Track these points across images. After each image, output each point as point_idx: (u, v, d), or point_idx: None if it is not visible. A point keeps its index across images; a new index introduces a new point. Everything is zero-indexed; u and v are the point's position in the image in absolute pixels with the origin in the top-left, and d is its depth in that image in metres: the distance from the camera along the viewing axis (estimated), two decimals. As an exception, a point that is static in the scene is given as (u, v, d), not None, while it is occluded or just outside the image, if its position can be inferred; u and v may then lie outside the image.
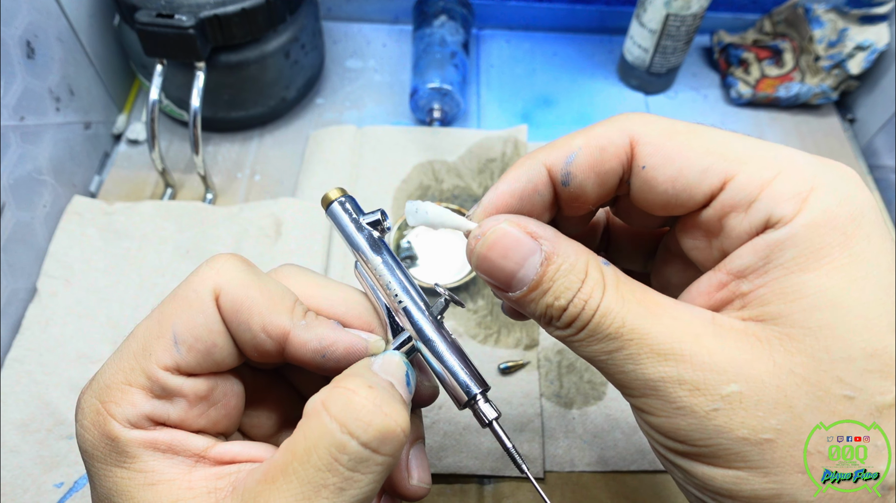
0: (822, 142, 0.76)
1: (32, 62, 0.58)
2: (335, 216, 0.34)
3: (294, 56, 0.69)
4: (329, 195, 0.34)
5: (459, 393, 0.31)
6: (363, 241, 0.33)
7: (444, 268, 0.62)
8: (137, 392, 0.28)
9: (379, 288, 0.32)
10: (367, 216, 0.33)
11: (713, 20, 0.84)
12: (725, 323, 0.26)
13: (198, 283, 0.29)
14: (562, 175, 0.29)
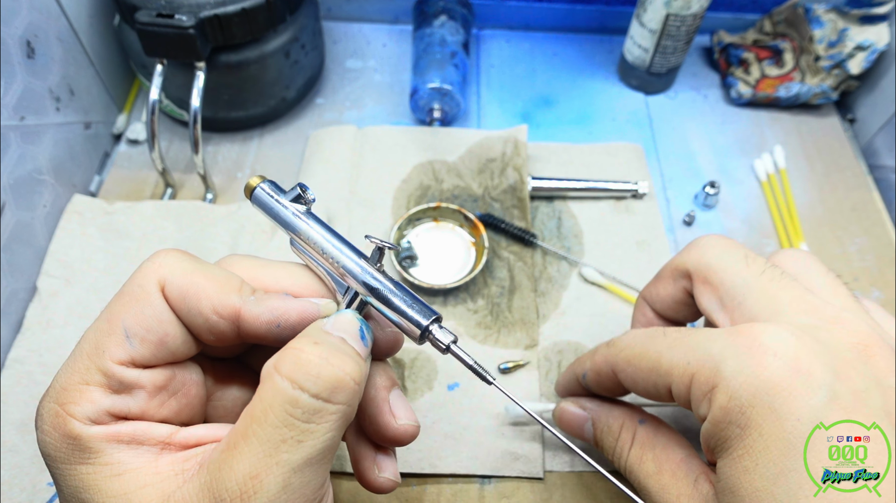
0: (822, 142, 0.76)
1: (32, 62, 0.58)
2: (260, 200, 0.35)
3: (294, 56, 0.69)
4: (250, 183, 0.35)
5: (413, 330, 0.33)
6: (291, 216, 0.34)
7: (445, 269, 0.63)
8: (95, 389, 0.29)
9: (318, 257, 0.34)
10: (289, 193, 0.35)
11: (713, 20, 0.84)
12: (703, 489, 0.34)
13: (141, 278, 0.30)
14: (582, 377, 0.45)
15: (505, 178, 0.68)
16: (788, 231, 0.68)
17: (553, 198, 0.69)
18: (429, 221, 0.66)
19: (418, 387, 0.56)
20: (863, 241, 0.68)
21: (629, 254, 0.65)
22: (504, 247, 0.65)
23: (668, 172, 0.73)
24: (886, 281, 0.65)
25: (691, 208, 0.70)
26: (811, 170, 0.74)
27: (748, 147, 0.76)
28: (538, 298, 0.62)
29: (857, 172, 0.74)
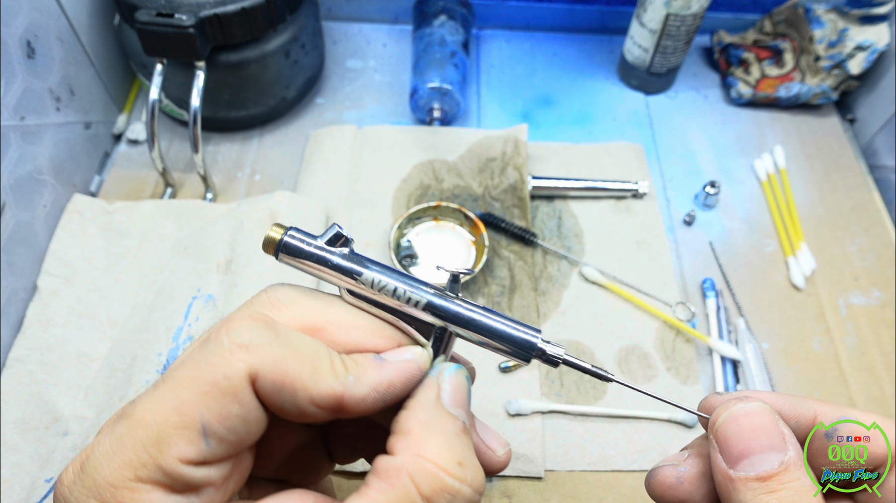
0: (823, 142, 0.76)
1: (33, 62, 0.58)
2: (295, 251, 0.30)
3: (294, 56, 0.69)
4: (271, 236, 0.30)
5: (522, 352, 0.31)
6: (343, 262, 0.30)
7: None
8: (152, 490, 0.24)
9: (386, 300, 0.30)
10: (325, 236, 0.31)
11: (713, 20, 0.84)
12: None
13: (228, 368, 0.25)
14: (831, 429, 0.29)
15: (505, 177, 0.68)
16: (789, 231, 0.68)
17: (553, 197, 0.69)
18: (429, 220, 0.66)
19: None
20: (863, 241, 0.68)
21: (629, 254, 0.65)
22: (504, 246, 0.65)
23: (669, 172, 0.73)
24: (886, 281, 0.65)
25: (691, 208, 0.70)
26: (811, 170, 0.74)
27: (748, 147, 0.76)
28: (538, 297, 0.62)
29: (857, 172, 0.74)
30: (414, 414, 0.28)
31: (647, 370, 0.58)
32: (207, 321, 0.55)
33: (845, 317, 0.63)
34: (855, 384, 0.59)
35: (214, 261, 0.59)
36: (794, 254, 0.66)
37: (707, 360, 0.60)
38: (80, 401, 0.53)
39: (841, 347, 0.61)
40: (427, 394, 0.29)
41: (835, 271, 0.66)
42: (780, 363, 0.60)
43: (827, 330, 0.62)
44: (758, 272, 0.66)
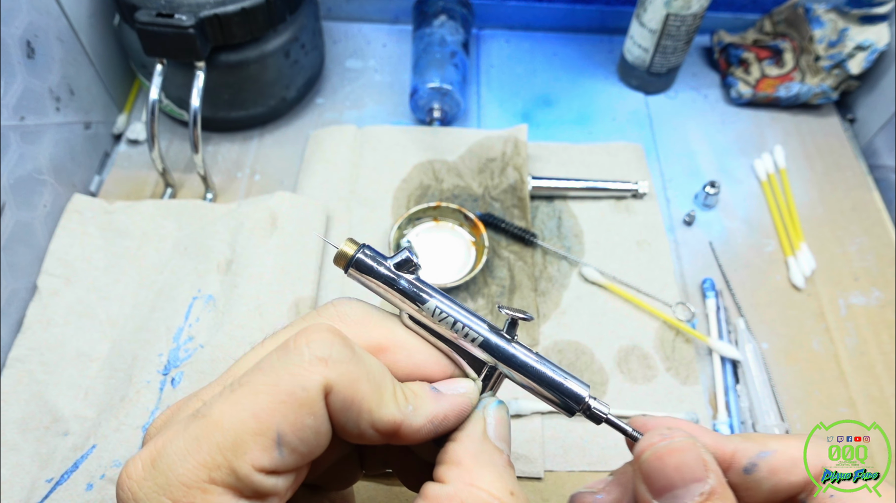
0: (823, 142, 0.76)
1: (33, 62, 0.58)
2: (366, 269, 0.30)
3: (294, 56, 0.69)
4: (344, 251, 0.30)
5: (568, 404, 0.31)
6: (411, 288, 0.30)
7: (444, 268, 0.62)
8: (223, 493, 0.24)
9: (444, 330, 0.30)
10: (395, 259, 0.31)
11: (713, 20, 0.84)
12: None
13: (307, 380, 0.25)
14: (748, 463, 0.30)
15: (505, 177, 0.68)
16: (788, 231, 0.68)
17: (553, 197, 0.69)
18: (429, 221, 0.66)
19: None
20: (863, 241, 0.68)
21: (629, 254, 0.65)
22: (504, 246, 0.65)
23: (669, 172, 0.73)
24: (886, 280, 0.65)
25: (691, 208, 0.70)
26: (811, 169, 0.74)
27: (748, 147, 0.76)
28: (538, 298, 0.62)
29: (857, 172, 0.74)
30: (464, 446, 0.29)
31: (647, 370, 0.58)
32: (208, 321, 0.55)
33: (845, 317, 0.63)
34: (854, 384, 0.59)
35: (215, 261, 0.59)
36: (794, 254, 0.66)
37: (707, 360, 0.60)
38: (81, 401, 0.53)
39: (841, 347, 0.61)
40: (475, 427, 0.30)
41: (835, 271, 0.66)
42: (779, 363, 0.60)
43: (827, 330, 0.62)
44: (758, 272, 0.66)
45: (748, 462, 0.30)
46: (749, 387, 0.58)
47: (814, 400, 0.58)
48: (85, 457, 0.49)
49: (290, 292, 0.57)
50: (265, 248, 0.59)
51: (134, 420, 0.50)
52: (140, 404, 0.51)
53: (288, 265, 0.58)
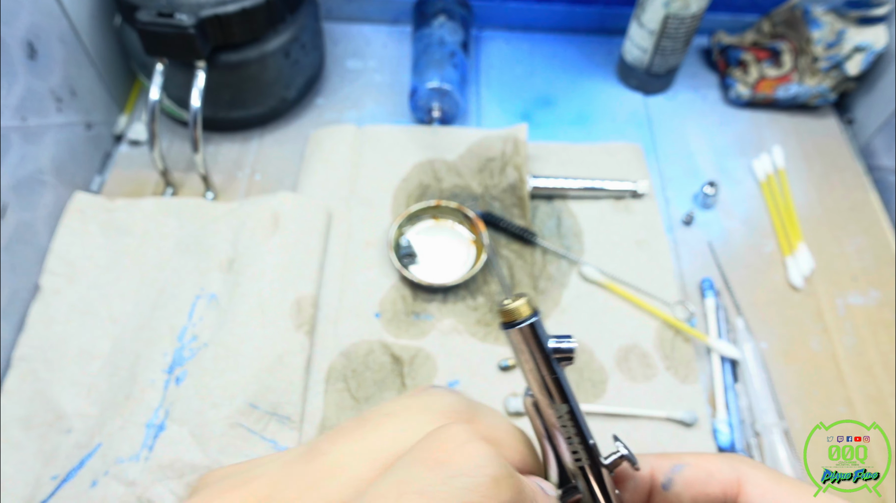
0: (821, 143, 0.77)
1: (34, 63, 0.58)
2: (532, 337, 0.28)
3: (294, 56, 0.70)
4: (520, 310, 0.27)
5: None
6: (560, 378, 0.29)
7: (444, 267, 0.63)
8: None
9: (555, 434, 0.29)
10: (560, 341, 0.28)
11: (712, 21, 0.84)
12: None
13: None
14: (665, 478, 0.30)
15: (505, 176, 0.68)
16: (787, 231, 0.68)
17: (553, 197, 0.69)
18: (428, 219, 0.66)
19: (418, 385, 0.56)
20: (861, 241, 0.68)
21: (629, 254, 0.65)
22: (504, 245, 0.65)
23: (668, 172, 0.74)
24: (884, 281, 0.65)
25: (690, 208, 0.70)
26: (810, 170, 0.74)
27: (747, 147, 0.76)
28: (538, 296, 0.62)
29: (856, 173, 0.74)
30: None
31: (647, 369, 0.58)
32: (211, 320, 0.56)
33: (843, 316, 0.63)
34: (853, 383, 0.59)
35: (217, 259, 0.59)
36: (793, 254, 0.67)
37: (706, 360, 0.60)
38: (84, 398, 0.53)
39: (839, 347, 0.61)
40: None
41: (833, 271, 0.66)
42: (778, 362, 0.60)
43: (825, 329, 0.62)
44: (756, 272, 0.66)
45: (664, 478, 0.30)
46: (748, 386, 0.58)
47: (812, 399, 0.58)
48: (90, 455, 0.49)
49: (292, 290, 0.57)
50: (267, 247, 0.59)
51: (138, 418, 0.50)
52: (145, 403, 0.51)
53: (290, 264, 0.59)
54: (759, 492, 0.27)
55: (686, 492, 0.29)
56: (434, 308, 0.61)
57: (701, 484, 0.29)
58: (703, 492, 0.29)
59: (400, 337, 0.59)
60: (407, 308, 0.61)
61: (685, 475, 0.29)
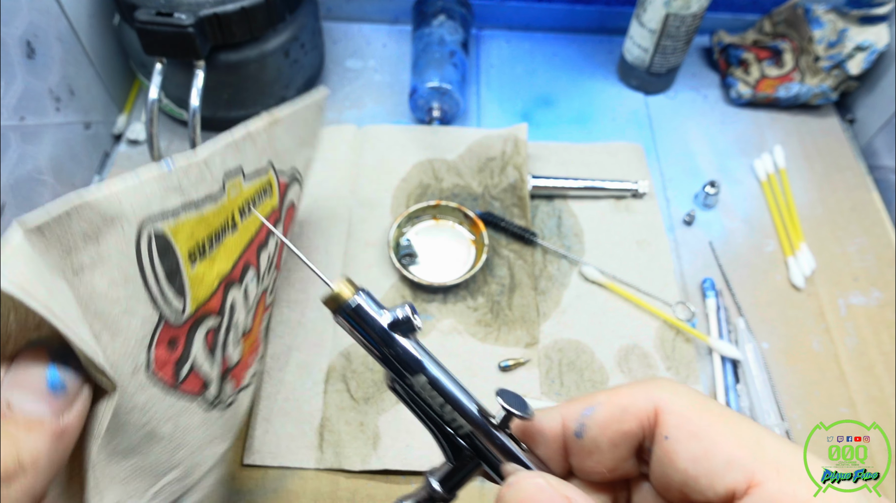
0: (822, 142, 0.76)
1: (32, 62, 0.58)
2: (361, 319, 0.27)
3: (294, 55, 0.69)
4: (342, 292, 0.27)
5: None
6: (406, 354, 0.27)
7: (445, 267, 0.63)
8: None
9: (429, 406, 0.28)
10: (393, 313, 0.27)
11: (713, 20, 0.84)
12: None
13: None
14: (576, 426, 0.28)
15: (505, 176, 0.68)
16: (788, 231, 0.68)
17: (553, 197, 0.69)
18: (428, 219, 0.66)
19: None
20: (862, 241, 0.68)
21: (629, 253, 0.65)
22: (504, 245, 0.65)
23: (668, 172, 0.73)
24: (886, 281, 0.65)
25: (691, 208, 0.70)
26: (811, 170, 0.74)
27: (748, 147, 0.76)
28: (539, 297, 0.62)
29: (857, 172, 0.74)
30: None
31: (647, 369, 0.58)
32: None
33: (845, 317, 0.63)
34: (854, 384, 0.59)
35: None
36: (794, 254, 0.66)
37: (707, 360, 0.60)
38: None
39: (840, 347, 0.61)
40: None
41: (834, 271, 0.66)
42: (779, 363, 0.60)
43: (827, 330, 0.62)
44: (757, 272, 0.66)
45: (576, 425, 0.28)
46: (749, 386, 0.58)
47: (814, 400, 0.58)
48: None
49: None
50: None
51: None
52: None
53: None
54: (675, 422, 0.26)
55: (602, 435, 0.27)
56: (434, 308, 0.61)
57: (616, 422, 0.27)
58: (619, 432, 0.27)
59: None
60: (406, 308, 0.61)
61: (597, 417, 0.27)
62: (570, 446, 0.28)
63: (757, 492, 0.23)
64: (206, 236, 0.35)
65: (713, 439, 0.24)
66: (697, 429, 0.25)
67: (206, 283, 0.36)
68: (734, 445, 0.24)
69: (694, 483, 0.25)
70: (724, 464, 0.24)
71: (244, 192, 0.40)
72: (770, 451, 0.24)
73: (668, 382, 0.27)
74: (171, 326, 0.32)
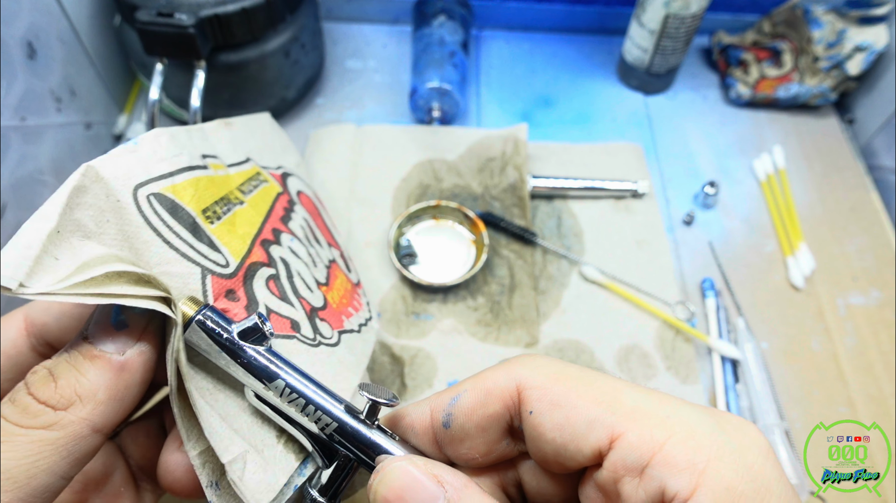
0: (822, 143, 0.77)
1: (34, 62, 0.58)
2: (208, 333, 0.27)
3: (294, 56, 0.69)
4: (184, 310, 0.27)
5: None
6: (258, 362, 0.27)
7: (445, 267, 0.63)
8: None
9: (293, 412, 0.28)
10: (241, 326, 0.27)
11: (712, 21, 0.84)
12: None
13: None
14: (443, 416, 0.28)
15: (505, 176, 0.68)
16: (788, 231, 0.68)
17: (553, 197, 0.69)
18: (428, 219, 0.66)
19: (418, 385, 0.56)
20: (862, 241, 0.68)
21: (629, 254, 0.65)
22: (504, 245, 0.65)
23: (668, 172, 0.73)
24: (885, 281, 0.65)
25: (691, 208, 0.70)
26: (810, 170, 0.74)
27: (747, 147, 0.76)
28: (538, 296, 0.62)
29: (856, 173, 0.74)
30: None
31: (647, 369, 0.58)
32: None
33: (844, 316, 0.63)
34: (854, 384, 0.59)
35: None
36: (794, 254, 0.66)
37: (706, 360, 0.60)
38: None
39: (840, 347, 0.61)
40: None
41: (834, 271, 0.66)
42: (779, 362, 0.60)
43: (826, 330, 0.62)
44: (757, 272, 0.66)
45: (443, 416, 0.28)
46: (749, 386, 0.58)
47: (813, 399, 0.58)
48: None
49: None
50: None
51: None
52: None
53: None
54: (537, 396, 0.26)
55: (469, 421, 0.27)
56: (434, 308, 0.61)
57: (481, 406, 0.27)
58: (485, 416, 0.27)
59: (400, 337, 0.59)
60: (407, 308, 0.61)
61: (462, 405, 0.27)
62: (440, 437, 0.28)
63: (619, 443, 0.24)
64: (213, 201, 0.34)
65: (573, 404, 0.25)
66: (557, 397, 0.25)
67: (238, 239, 0.35)
68: (592, 404, 0.25)
69: (564, 450, 0.25)
70: (586, 425, 0.24)
71: (232, 176, 0.39)
72: (627, 402, 0.24)
73: (529, 358, 0.27)
74: (222, 278, 0.32)
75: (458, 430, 0.27)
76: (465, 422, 0.27)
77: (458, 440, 0.28)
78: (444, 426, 0.28)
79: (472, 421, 0.27)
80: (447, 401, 0.28)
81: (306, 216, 0.34)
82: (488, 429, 0.27)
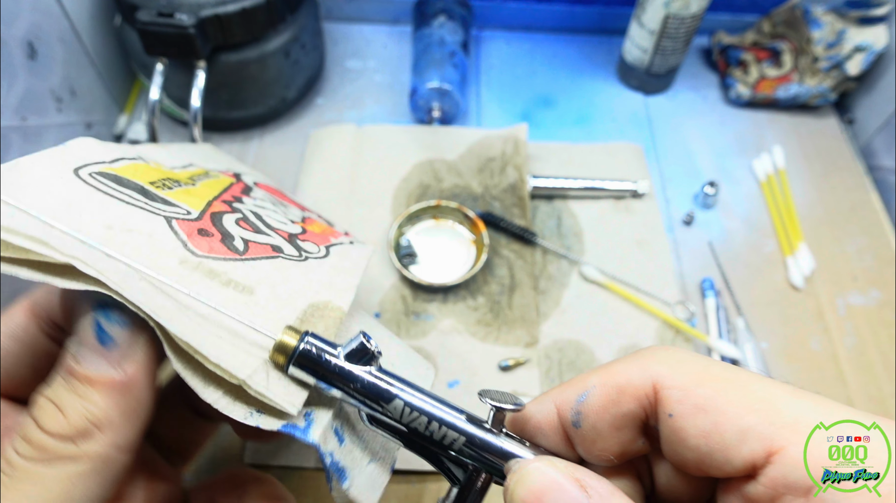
0: (821, 143, 0.77)
1: (34, 63, 0.58)
2: (313, 363, 0.25)
3: (294, 56, 0.70)
4: (285, 341, 0.25)
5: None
6: (372, 384, 0.26)
7: (445, 267, 0.63)
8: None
9: (415, 430, 0.26)
10: (347, 348, 0.26)
11: (712, 21, 0.84)
12: None
13: None
14: (572, 415, 0.26)
15: (505, 176, 0.68)
16: (788, 231, 0.68)
17: (553, 197, 0.69)
18: (428, 219, 0.66)
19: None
20: (861, 241, 0.68)
21: (629, 253, 0.65)
22: (504, 245, 0.65)
23: (668, 172, 0.74)
24: (885, 281, 0.65)
25: (691, 208, 0.70)
26: (810, 170, 0.74)
27: (747, 147, 0.76)
28: (539, 296, 0.62)
29: (856, 173, 0.74)
30: None
31: (647, 370, 0.58)
32: None
33: (844, 316, 0.63)
34: (853, 383, 0.59)
35: None
36: (793, 254, 0.66)
37: (706, 360, 0.60)
38: None
39: (839, 347, 0.61)
40: None
41: (833, 271, 0.66)
42: (779, 362, 0.60)
43: (826, 329, 0.62)
44: (757, 272, 0.66)
45: (572, 415, 0.26)
46: (748, 386, 0.58)
47: (812, 399, 0.58)
48: None
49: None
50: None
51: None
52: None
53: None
54: (677, 397, 0.23)
55: (601, 421, 0.25)
56: (434, 308, 0.61)
57: (613, 405, 0.25)
58: (618, 415, 0.25)
59: (400, 337, 0.59)
60: (407, 308, 0.61)
61: (592, 403, 0.25)
62: (571, 436, 0.26)
63: (779, 459, 0.22)
64: (159, 178, 0.34)
65: (721, 409, 0.23)
66: (702, 400, 0.23)
67: (195, 197, 0.34)
68: (745, 412, 0.22)
69: (709, 459, 0.23)
70: (738, 435, 0.22)
71: (177, 173, 0.38)
72: (786, 412, 0.22)
73: (663, 352, 0.25)
74: (189, 221, 0.30)
75: (590, 430, 0.25)
76: (596, 421, 0.25)
77: (589, 440, 0.26)
78: (573, 425, 0.26)
79: (605, 420, 0.25)
80: (574, 399, 0.26)
81: (267, 195, 0.33)
82: (622, 429, 0.25)
